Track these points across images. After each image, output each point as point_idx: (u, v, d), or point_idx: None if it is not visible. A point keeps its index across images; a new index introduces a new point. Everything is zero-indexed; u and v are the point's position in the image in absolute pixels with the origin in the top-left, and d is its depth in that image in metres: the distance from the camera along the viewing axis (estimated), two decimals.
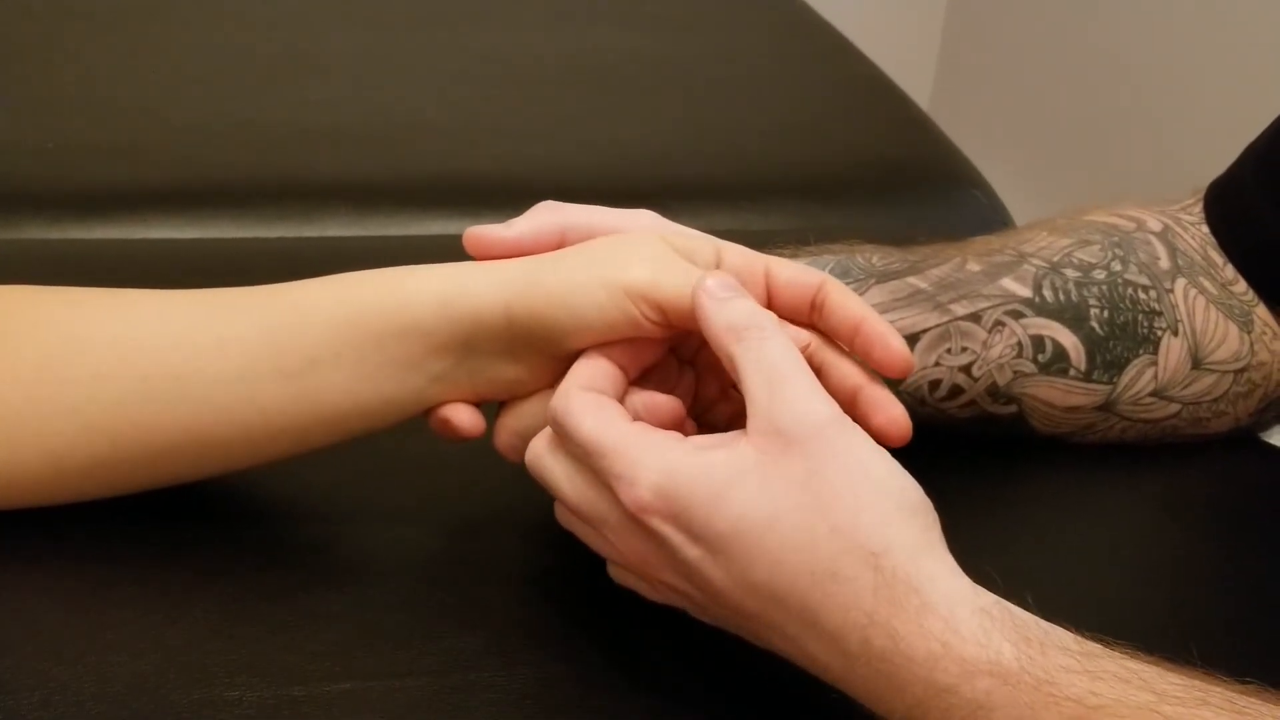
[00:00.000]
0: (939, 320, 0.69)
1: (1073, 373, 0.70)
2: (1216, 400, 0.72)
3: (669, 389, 0.59)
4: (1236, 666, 0.49)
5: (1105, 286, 0.71)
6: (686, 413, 0.59)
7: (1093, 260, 0.71)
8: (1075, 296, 0.70)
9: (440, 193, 1.04)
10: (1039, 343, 0.70)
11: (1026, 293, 0.70)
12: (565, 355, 0.58)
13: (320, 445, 0.61)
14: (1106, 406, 0.72)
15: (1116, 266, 0.71)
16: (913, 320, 0.69)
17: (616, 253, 0.58)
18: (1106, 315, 0.70)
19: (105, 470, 0.60)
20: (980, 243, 0.73)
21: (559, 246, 0.60)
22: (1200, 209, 0.74)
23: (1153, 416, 0.72)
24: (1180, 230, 0.73)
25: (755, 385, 0.53)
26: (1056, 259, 0.71)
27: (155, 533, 0.62)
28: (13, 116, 1.08)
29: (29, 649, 0.56)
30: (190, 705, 0.54)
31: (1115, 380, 0.71)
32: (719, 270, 0.58)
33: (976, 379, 0.70)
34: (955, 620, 0.49)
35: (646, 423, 0.55)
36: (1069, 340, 0.70)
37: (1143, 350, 0.71)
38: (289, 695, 0.55)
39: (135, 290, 0.62)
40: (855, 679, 0.51)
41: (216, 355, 0.59)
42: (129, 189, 1.01)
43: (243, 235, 0.98)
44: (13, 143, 1.04)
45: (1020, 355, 0.70)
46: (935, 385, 0.70)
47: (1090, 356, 0.70)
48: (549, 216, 0.61)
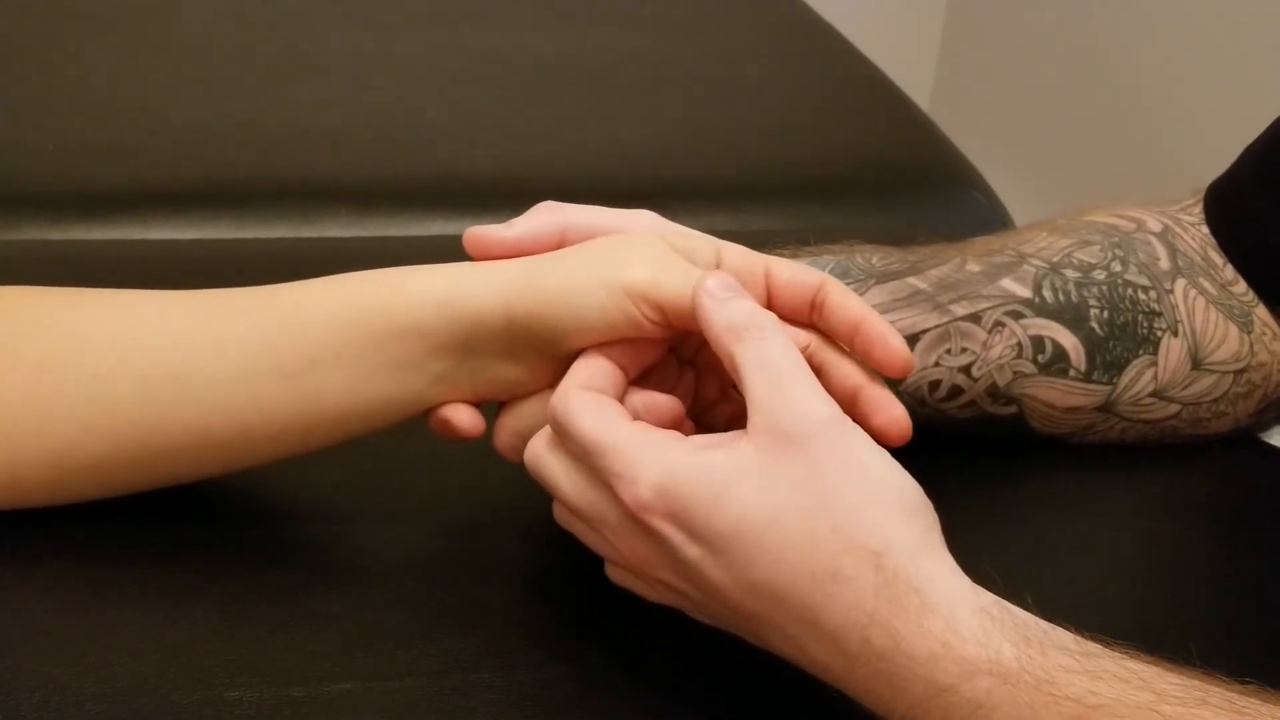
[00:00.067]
0: (939, 321, 0.69)
1: (1072, 373, 0.70)
2: (1216, 401, 0.72)
3: (669, 389, 0.59)
4: (1236, 666, 0.49)
5: (1105, 287, 0.71)
6: (686, 413, 0.59)
7: (1093, 261, 0.71)
8: (1075, 297, 0.70)
9: (440, 193, 1.04)
10: (1039, 343, 0.70)
11: (1026, 293, 0.70)
12: (565, 355, 0.58)
13: (320, 446, 0.61)
14: (1106, 407, 0.72)
15: (1116, 267, 0.71)
16: (912, 321, 0.69)
17: (616, 253, 0.58)
18: (1106, 316, 0.70)
19: (105, 470, 0.60)
20: (980, 243, 0.73)
21: (559, 246, 0.60)
22: (1200, 209, 0.74)
23: (1152, 417, 0.72)
24: (1180, 231, 0.73)
25: (756, 385, 0.53)
26: (1056, 259, 0.71)
27: (155, 533, 0.62)
28: (13, 116, 1.08)
29: (29, 649, 0.56)
30: (190, 705, 0.54)
31: (1115, 381, 0.71)
32: (719, 270, 0.58)
33: (976, 379, 0.70)
34: (956, 620, 0.49)
35: (646, 422, 0.55)
36: (1069, 341, 0.70)
37: (1142, 351, 0.71)
38: (289, 696, 0.55)
39: (135, 291, 0.62)
40: (855, 679, 0.51)
41: (216, 355, 0.59)
42: (129, 189, 1.01)
43: (242, 236, 0.98)
44: (13, 143, 1.04)
45: (1020, 356, 0.70)
46: (935, 386, 0.70)
47: (1090, 357, 0.70)
48: (549, 216, 0.61)
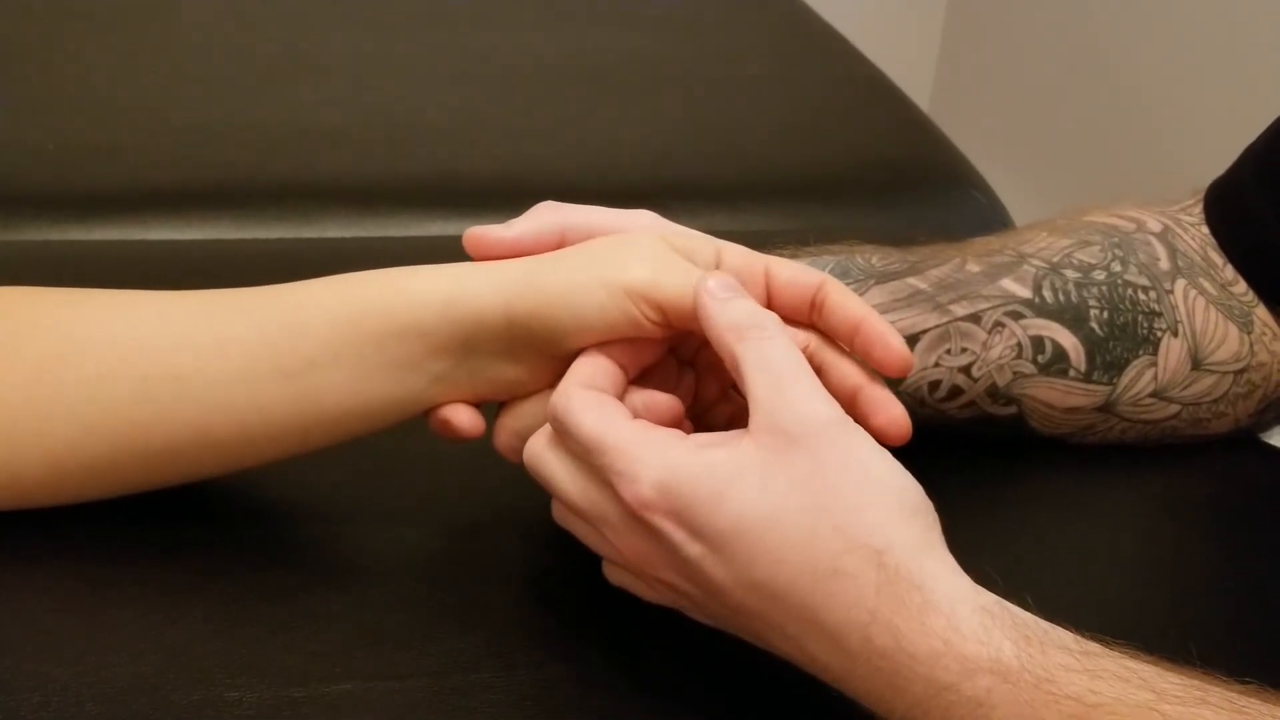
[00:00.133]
0: (939, 321, 0.69)
1: (1072, 373, 0.70)
2: (1216, 401, 0.72)
3: (669, 389, 0.59)
4: (1236, 666, 0.49)
5: (1105, 287, 0.71)
6: (686, 413, 0.59)
7: (1092, 261, 0.71)
8: (1075, 297, 0.70)
9: (440, 193, 1.04)
10: (1039, 343, 0.70)
11: (1026, 293, 0.70)
12: (565, 355, 0.58)
13: (320, 446, 0.61)
14: (1106, 407, 0.71)
15: (1116, 267, 0.71)
16: (912, 321, 0.69)
17: (616, 252, 0.58)
18: (1106, 316, 0.70)
19: (105, 471, 0.60)
20: (980, 243, 0.73)
21: (559, 247, 0.60)
22: (1200, 210, 0.74)
23: (1152, 417, 0.72)
24: (1180, 231, 0.73)
25: (758, 385, 0.53)
26: (1056, 260, 0.71)
27: (155, 533, 0.62)
28: (13, 116, 1.08)
29: (29, 649, 0.56)
30: (190, 706, 0.54)
31: (1115, 381, 0.71)
32: (719, 271, 0.58)
33: (976, 380, 0.70)
34: (957, 618, 0.49)
35: (647, 421, 0.55)
36: (1069, 341, 0.70)
37: (1142, 351, 0.71)
38: (289, 696, 0.55)
39: (135, 291, 0.62)
40: (855, 678, 0.51)
41: (216, 356, 0.59)
42: (129, 190, 1.01)
43: (242, 236, 0.98)
44: (13, 143, 1.04)
45: (1020, 356, 0.70)
46: (935, 386, 0.70)
47: (1090, 357, 0.70)
48: (549, 217, 0.61)
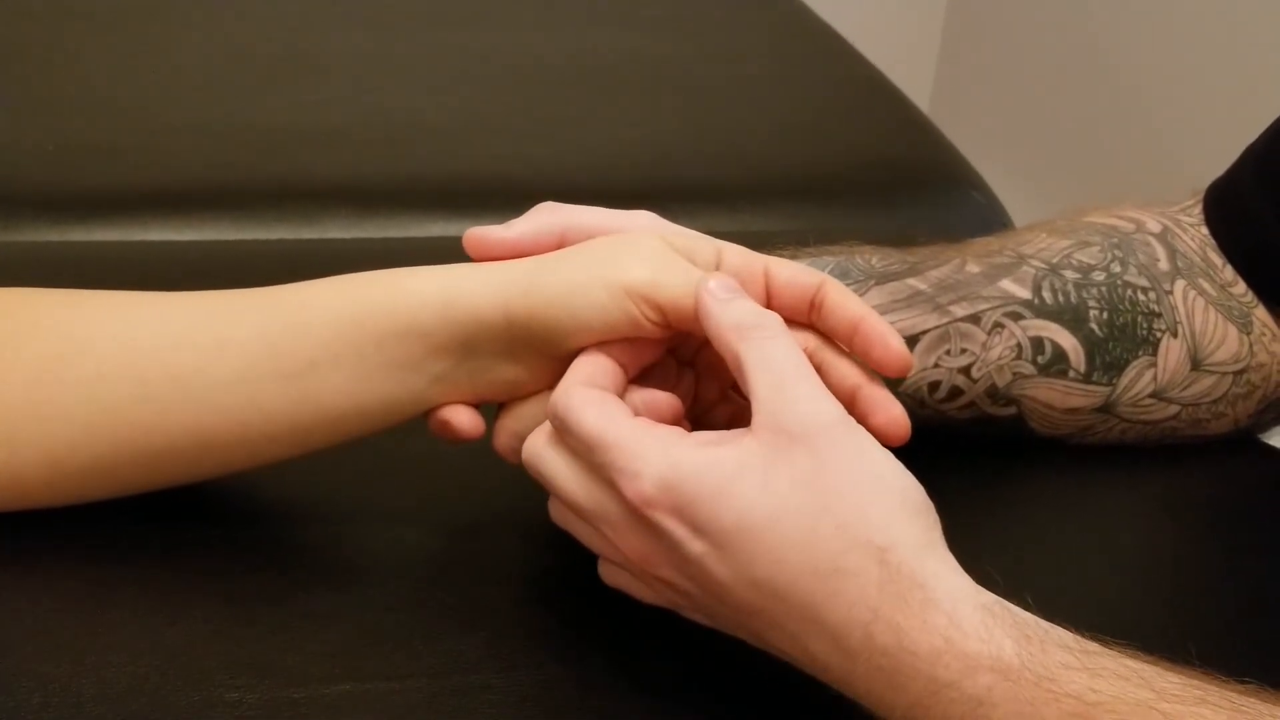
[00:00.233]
0: (938, 322, 0.69)
1: (1072, 374, 0.70)
2: (1216, 402, 0.72)
3: (668, 390, 0.59)
4: (1235, 666, 0.49)
5: (1104, 288, 0.71)
6: (685, 414, 0.59)
7: (1092, 262, 0.71)
8: (1074, 298, 0.70)
9: (440, 194, 1.04)
10: (1038, 344, 0.70)
11: (1026, 294, 0.70)
12: (565, 356, 0.58)
13: (320, 447, 0.61)
14: (1106, 408, 0.72)
15: (1116, 268, 0.71)
16: (912, 322, 0.69)
17: (616, 253, 0.58)
18: (1106, 317, 0.70)
19: (105, 471, 0.60)
20: (979, 244, 0.73)
21: (559, 247, 0.60)
22: (1199, 210, 0.74)
23: (1152, 418, 0.72)
24: (1179, 232, 0.73)
25: (761, 384, 0.53)
26: (1056, 260, 0.71)
27: (155, 533, 0.62)
28: (13, 117, 1.08)
29: (29, 649, 0.56)
30: (190, 706, 0.54)
31: (1114, 382, 0.71)
32: (720, 272, 0.58)
33: (976, 380, 0.70)
34: (959, 616, 0.49)
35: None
36: (1068, 342, 0.70)
37: (1142, 352, 0.71)
38: (289, 697, 0.55)
39: (135, 292, 0.62)
40: (856, 677, 0.51)
41: (216, 357, 0.59)
42: (129, 190, 1.01)
43: (242, 237, 0.98)
44: (13, 143, 1.04)
45: (1019, 357, 0.70)
46: (934, 387, 0.70)
47: (1089, 358, 0.70)
48: (549, 217, 0.61)
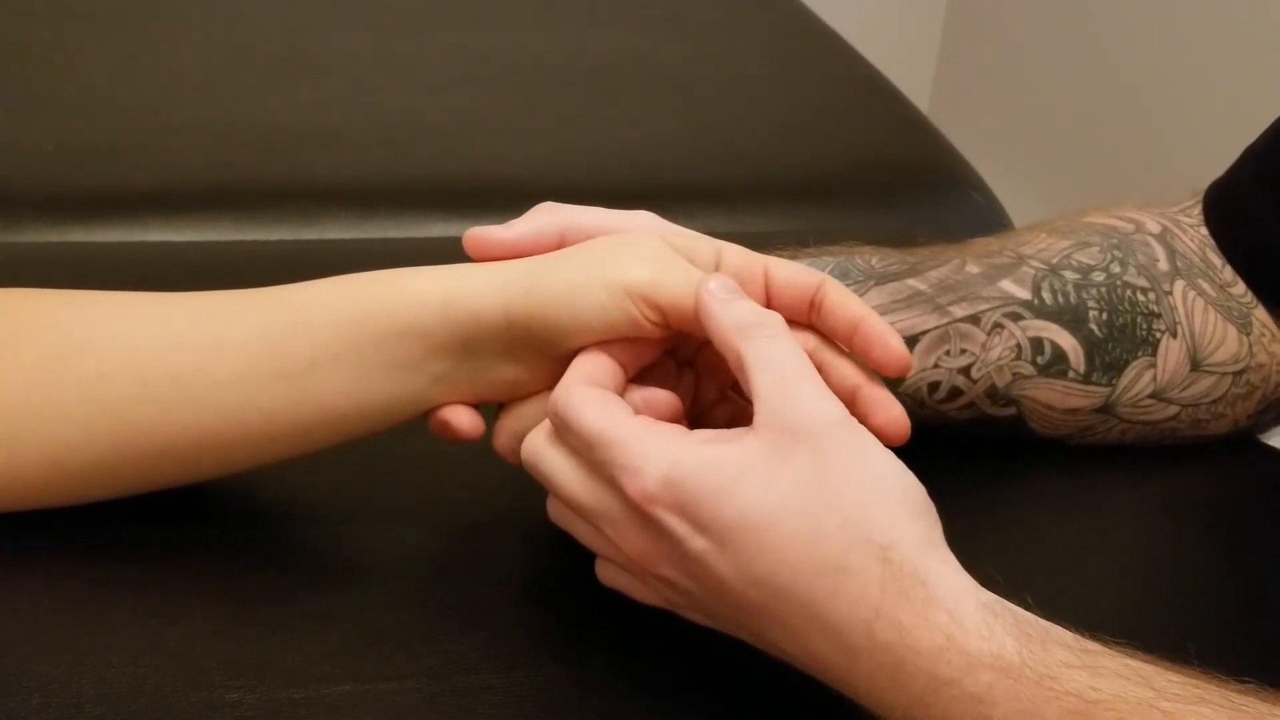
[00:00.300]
0: (938, 322, 0.69)
1: (1072, 375, 0.70)
2: (1215, 402, 0.72)
3: (668, 390, 0.59)
4: (1235, 666, 0.49)
5: (1104, 288, 0.71)
6: (685, 415, 0.59)
7: (1092, 262, 0.71)
8: (1074, 298, 0.70)
9: (440, 194, 1.04)
10: (1038, 345, 0.70)
11: (1025, 295, 0.70)
12: (565, 356, 0.58)
13: (321, 447, 0.61)
14: (1105, 408, 0.72)
15: (1115, 268, 0.71)
16: (912, 322, 0.69)
17: (616, 253, 0.58)
18: (1105, 317, 0.70)
19: (105, 472, 0.60)
20: (979, 244, 0.73)
21: (558, 247, 0.60)
22: (1199, 211, 0.74)
23: (1152, 418, 0.72)
24: (1179, 232, 0.73)
25: (763, 383, 0.53)
26: (1055, 261, 0.71)
27: (155, 533, 0.62)
28: (13, 117, 1.08)
29: (29, 649, 0.56)
30: (190, 707, 0.54)
31: (1114, 382, 0.71)
32: (719, 273, 0.58)
33: (975, 381, 0.70)
34: (960, 613, 0.49)
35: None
36: (1068, 342, 0.70)
37: (1141, 352, 0.71)
38: (288, 697, 0.55)
39: (135, 292, 0.62)
40: (857, 675, 0.51)
41: (216, 357, 0.59)
42: (129, 191, 1.01)
43: (242, 238, 0.98)
44: (12, 144, 1.04)
45: (1019, 357, 0.70)
46: (934, 387, 0.70)
47: (1089, 358, 0.70)
48: (548, 217, 0.61)
